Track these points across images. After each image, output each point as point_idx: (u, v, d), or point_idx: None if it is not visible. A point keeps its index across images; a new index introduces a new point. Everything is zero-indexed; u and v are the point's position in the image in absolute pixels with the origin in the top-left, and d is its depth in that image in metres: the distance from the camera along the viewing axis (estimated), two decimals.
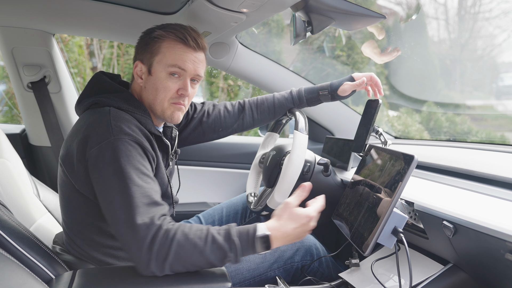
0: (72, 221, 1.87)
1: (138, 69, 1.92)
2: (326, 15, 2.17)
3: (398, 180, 1.65)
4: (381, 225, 1.65)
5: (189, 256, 1.54)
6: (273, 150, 2.44)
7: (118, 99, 1.84)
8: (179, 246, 1.53)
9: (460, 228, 1.59)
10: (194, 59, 1.88)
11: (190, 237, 1.55)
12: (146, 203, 1.58)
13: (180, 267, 1.54)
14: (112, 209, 1.59)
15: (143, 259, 1.51)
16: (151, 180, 1.68)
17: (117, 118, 1.72)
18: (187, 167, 3.35)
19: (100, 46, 7.91)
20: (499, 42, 7.91)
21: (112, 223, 1.60)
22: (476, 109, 7.89)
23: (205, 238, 1.56)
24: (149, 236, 1.51)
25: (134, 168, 1.62)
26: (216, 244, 1.55)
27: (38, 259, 1.64)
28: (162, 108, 1.89)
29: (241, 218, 2.57)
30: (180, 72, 1.85)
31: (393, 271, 2.01)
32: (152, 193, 1.62)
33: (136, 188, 1.58)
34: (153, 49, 1.86)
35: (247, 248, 1.58)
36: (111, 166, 1.61)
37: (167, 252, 1.51)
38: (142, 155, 1.70)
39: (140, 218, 1.53)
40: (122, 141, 1.65)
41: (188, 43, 1.85)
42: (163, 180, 1.91)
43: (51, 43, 2.95)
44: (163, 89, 1.86)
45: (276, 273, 2.16)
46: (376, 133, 2.35)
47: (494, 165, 2.00)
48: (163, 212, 1.61)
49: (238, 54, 2.99)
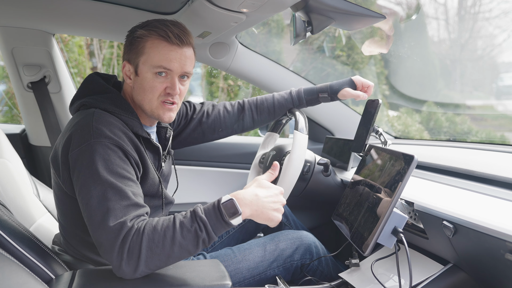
0: (65, 222, 1.87)
1: (126, 69, 1.90)
2: (326, 15, 2.17)
3: (398, 180, 1.65)
4: (381, 225, 1.65)
5: (161, 247, 1.51)
6: (273, 150, 2.44)
7: (105, 101, 1.82)
8: (149, 240, 1.50)
9: (460, 228, 1.59)
10: (180, 57, 1.83)
11: (158, 228, 1.52)
12: (124, 205, 1.56)
13: (157, 261, 1.52)
14: (88, 212, 1.57)
15: (115, 261, 1.50)
16: (131, 183, 1.66)
17: (99, 120, 1.71)
18: (187, 167, 3.34)
19: (100, 46, 7.92)
20: (499, 42, 7.91)
21: (88, 226, 1.59)
22: (476, 109, 7.89)
23: (173, 225, 1.54)
24: (120, 237, 1.49)
25: (111, 172, 1.61)
26: (184, 228, 1.53)
27: (38, 259, 1.64)
28: (151, 107, 1.87)
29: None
30: (167, 72, 1.82)
31: (393, 271, 2.01)
32: (130, 195, 1.60)
33: (112, 191, 1.57)
34: (138, 50, 1.83)
35: (216, 222, 1.56)
36: (88, 169, 1.60)
37: (138, 249, 1.49)
38: (123, 158, 1.68)
39: (113, 221, 1.51)
40: (101, 144, 1.64)
41: (171, 41, 1.81)
42: (154, 181, 1.90)
43: (51, 43, 2.95)
44: (150, 89, 1.83)
45: (275, 272, 2.16)
46: (376, 133, 2.35)
47: (494, 165, 2.00)
48: (139, 213, 1.59)
49: (238, 54, 2.99)
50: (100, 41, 7.89)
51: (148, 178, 1.86)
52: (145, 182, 1.85)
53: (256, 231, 2.61)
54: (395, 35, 4.50)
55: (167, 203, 2.05)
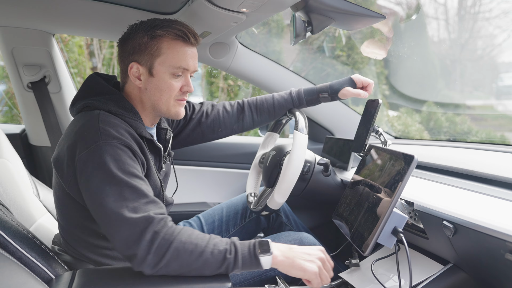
0: (65, 223, 1.87)
1: (135, 71, 1.87)
2: (326, 15, 2.17)
3: (398, 180, 1.65)
4: (381, 225, 1.65)
5: (188, 255, 1.53)
6: (273, 150, 2.43)
7: (109, 102, 1.82)
8: (180, 243, 1.53)
9: (460, 228, 1.59)
10: (194, 56, 1.88)
11: (193, 238, 1.56)
12: (144, 202, 1.58)
13: (177, 266, 1.53)
14: (104, 212, 1.57)
15: (141, 252, 1.50)
16: (143, 182, 1.67)
17: (106, 122, 1.71)
18: (187, 167, 3.34)
19: (100, 46, 7.92)
20: (499, 42, 7.91)
21: (104, 225, 1.59)
22: (476, 109, 7.89)
23: (207, 241, 1.57)
24: (149, 230, 1.51)
25: (124, 171, 1.61)
26: (216, 246, 1.56)
27: (38, 259, 1.64)
28: (168, 107, 1.89)
29: (241, 218, 2.56)
30: (183, 71, 1.85)
31: (393, 271, 2.01)
32: (148, 193, 1.62)
33: (129, 189, 1.58)
34: (153, 50, 1.82)
35: (247, 252, 1.60)
36: (100, 170, 1.60)
37: (167, 248, 1.51)
38: (132, 158, 1.69)
39: (137, 215, 1.53)
40: (111, 145, 1.64)
41: (190, 41, 1.84)
42: (156, 183, 1.91)
43: (51, 43, 2.95)
44: (168, 89, 1.85)
45: (276, 272, 2.15)
46: (376, 133, 2.35)
47: (494, 165, 2.00)
48: (162, 210, 1.61)
49: (238, 54, 2.99)
50: (100, 41, 7.89)
51: (150, 180, 1.86)
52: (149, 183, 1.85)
53: (256, 231, 2.61)
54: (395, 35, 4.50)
55: (167, 204, 2.06)
